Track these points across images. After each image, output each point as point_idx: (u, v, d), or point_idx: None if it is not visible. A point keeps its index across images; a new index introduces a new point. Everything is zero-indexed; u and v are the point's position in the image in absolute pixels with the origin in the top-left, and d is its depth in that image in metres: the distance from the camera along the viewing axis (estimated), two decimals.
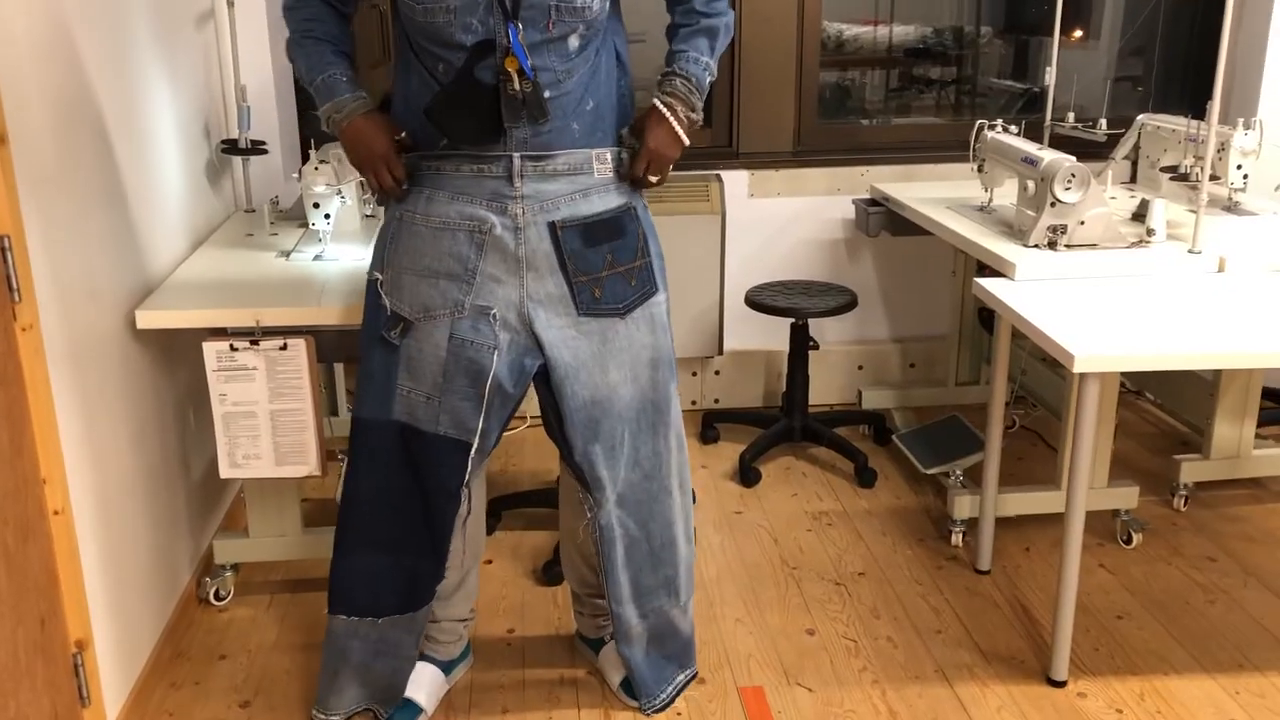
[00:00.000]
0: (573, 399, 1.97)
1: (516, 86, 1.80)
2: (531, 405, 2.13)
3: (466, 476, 2.00)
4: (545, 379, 1.97)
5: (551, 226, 1.91)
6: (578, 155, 1.91)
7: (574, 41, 1.85)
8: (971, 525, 2.76)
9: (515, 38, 1.79)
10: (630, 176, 1.97)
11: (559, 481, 2.28)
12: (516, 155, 1.87)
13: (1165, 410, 3.60)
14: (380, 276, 1.97)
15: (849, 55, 3.87)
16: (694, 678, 2.27)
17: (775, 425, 3.32)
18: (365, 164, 1.92)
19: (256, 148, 2.97)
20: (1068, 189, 2.55)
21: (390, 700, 2.15)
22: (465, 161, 1.89)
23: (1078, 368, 2.00)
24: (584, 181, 1.92)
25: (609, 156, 1.95)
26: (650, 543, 2.11)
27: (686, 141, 1.98)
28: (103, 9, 2.20)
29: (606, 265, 1.96)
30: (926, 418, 3.40)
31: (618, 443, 2.02)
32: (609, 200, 1.96)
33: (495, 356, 1.93)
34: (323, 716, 2.15)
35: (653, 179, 1.98)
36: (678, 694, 2.23)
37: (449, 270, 1.92)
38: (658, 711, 2.20)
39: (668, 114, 1.95)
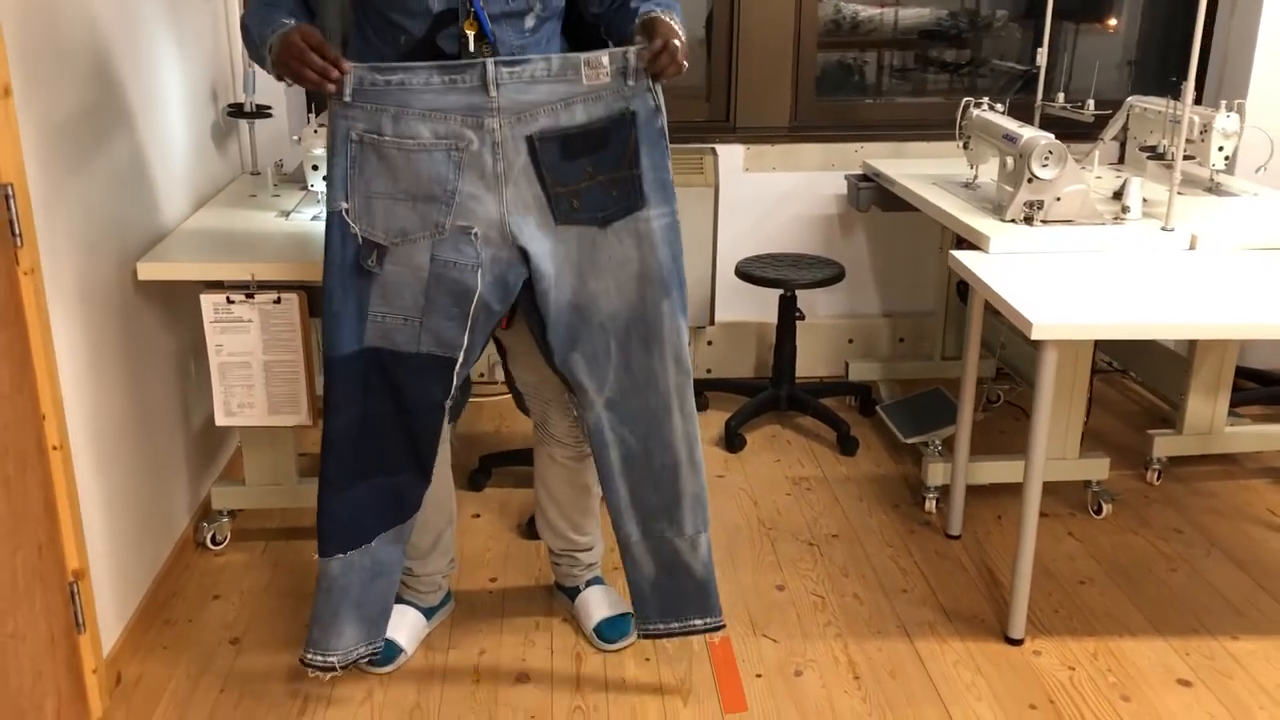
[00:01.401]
0: (553, 305, 1.96)
1: (472, 48, 1.85)
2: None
3: (452, 389, 2.00)
4: (530, 287, 1.96)
5: (529, 140, 1.87)
6: (557, 62, 1.85)
7: (530, 21, 1.91)
8: (945, 493, 2.84)
9: (478, 3, 1.85)
10: (650, 68, 1.87)
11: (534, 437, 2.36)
12: (490, 61, 1.82)
13: (1147, 387, 3.66)
14: (346, 205, 1.90)
15: (863, 36, 3.92)
16: (716, 629, 2.18)
17: (762, 394, 3.40)
18: (294, 57, 1.80)
19: (261, 112, 3.06)
20: (1045, 166, 2.62)
21: (384, 623, 2.15)
22: (435, 72, 1.83)
23: (1035, 335, 2.07)
24: (567, 90, 1.86)
25: (605, 60, 1.87)
26: (649, 461, 2.07)
27: (685, 42, 1.90)
28: None
29: (585, 177, 1.91)
30: (911, 390, 3.47)
31: (600, 352, 2.00)
32: (595, 110, 1.89)
33: (479, 275, 1.91)
34: (321, 657, 2.11)
35: (670, 69, 1.87)
36: (684, 635, 2.17)
37: (427, 192, 1.88)
38: (649, 638, 2.19)
39: (661, 13, 1.89)
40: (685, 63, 1.88)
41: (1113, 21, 4.00)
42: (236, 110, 3.05)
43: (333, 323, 1.95)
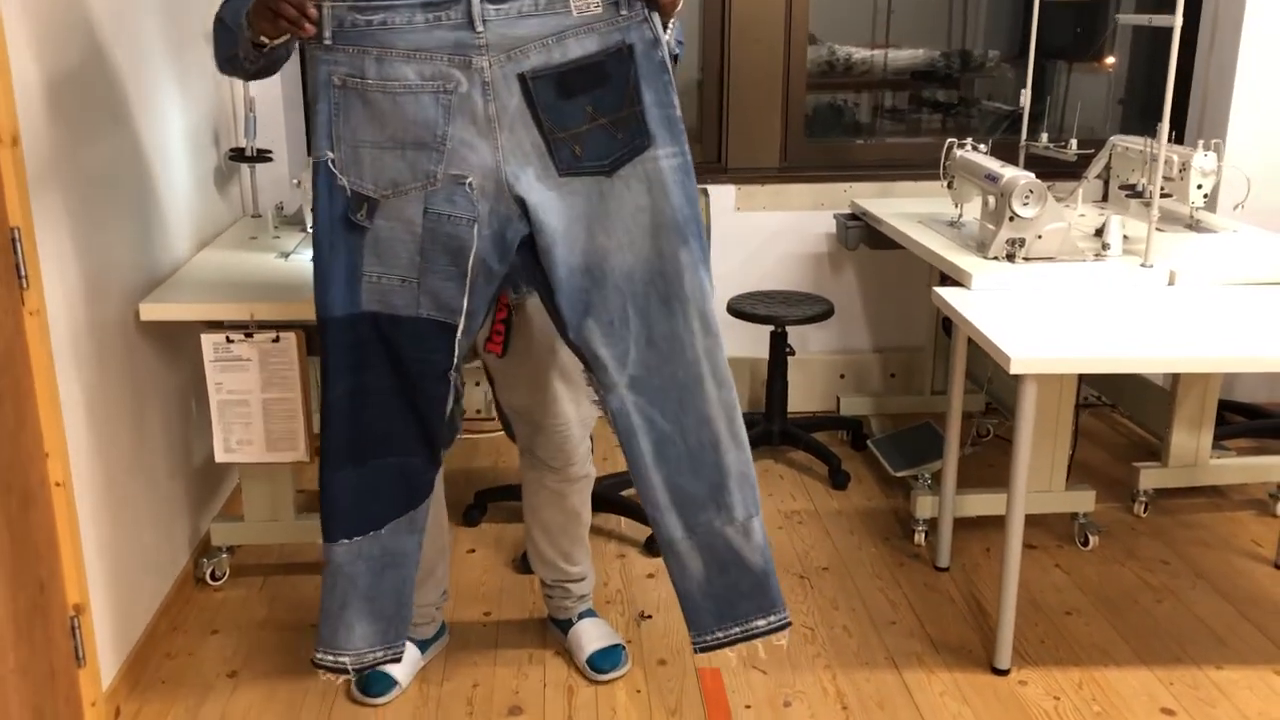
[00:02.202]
0: (561, 267, 1.83)
1: None
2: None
3: (455, 359, 1.90)
4: (533, 247, 1.83)
5: (521, 79, 1.77)
6: None
7: None
8: (933, 525, 2.88)
9: None
10: None
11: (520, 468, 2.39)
12: None
13: (1133, 421, 3.70)
14: (332, 155, 1.80)
15: (857, 78, 4.00)
16: (782, 627, 1.99)
17: (754, 429, 3.45)
18: (267, 3, 1.72)
19: (262, 155, 3.14)
20: (1025, 204, 2.68)
21: (401, 625, 2.05)
22: (419, 10, 1.74)
23: (1014, 369, 2.13)
24: (558, 23, 1.77)
25: None
26: (685, 440, 1.90)
27: None
28: (120, 20, 2.37)
29: (587, 119, 1.80)
30: (902, 424, 3.52)
31: (617, 318, 1.87)
32: (589, 43, 1.78)
33: (475, 230, 1.82)
34: (331, 657, 2.04)
35: None
36: (746, 639, 1.98)
37: (415, 138, 1.78)
38: (708, 649, 2.00)
39: None
40: None
41: (1110, 60, 4.08)
42: (238, 154, 3.13)
43: (322, 282, 1.85)
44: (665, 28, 1.83)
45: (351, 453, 1.95)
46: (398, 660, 2.11)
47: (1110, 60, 4.08)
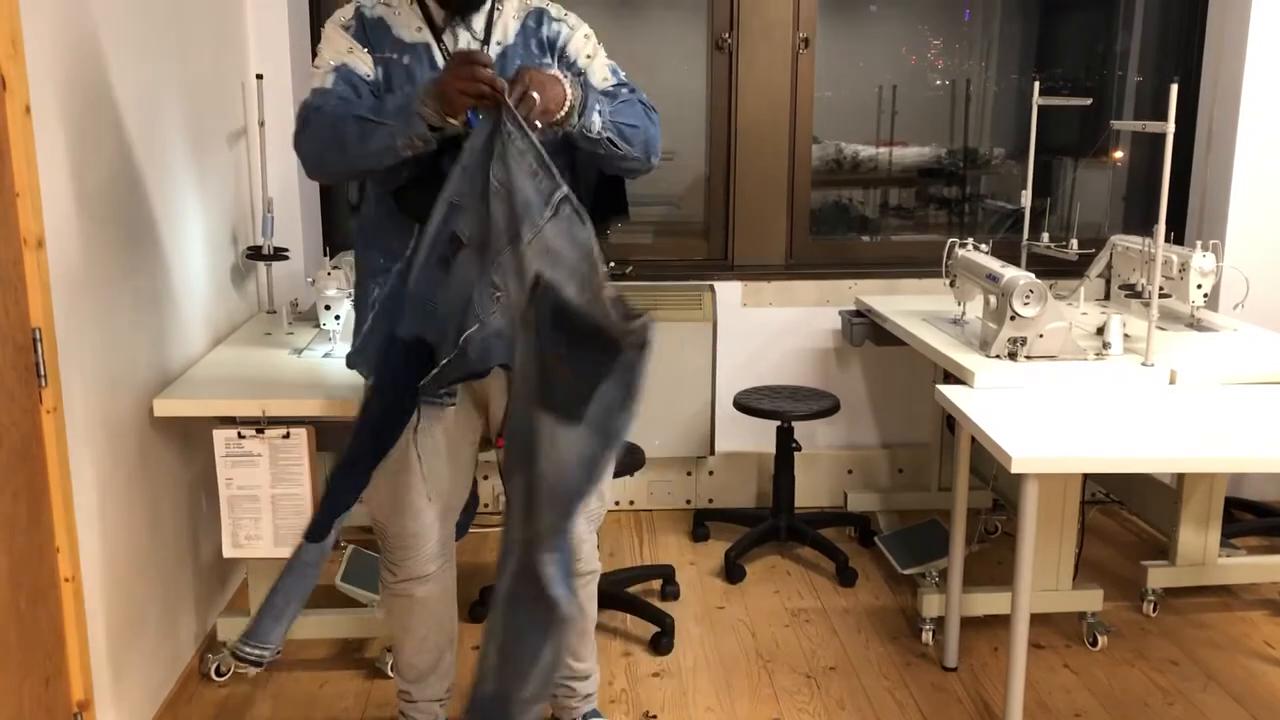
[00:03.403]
0: None
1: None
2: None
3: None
4: None
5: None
6: None
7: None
8: (941, 624, 2.86)
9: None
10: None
11: None
12: None
13: (1142, 519, 3.69)
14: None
15: (864, 175, 4.09)
16: None
17: (761, 525, 3.45)
18: (462, 76, 1.83)
19: (279, 254, 3.21)
20: (1026, 304, 2.72)
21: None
22: None
23: (1015, 468, 2.15)
24: None
25: None
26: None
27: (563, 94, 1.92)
28: (146, 125, 2.46)
29: None
30: (909, 521, 3.52)
31: None
32: None
33: None
34: (256, 652, 2.07)
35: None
36: None
37: None
38: None
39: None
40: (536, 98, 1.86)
41: (1119, 154, 4.16)
42: (255, 253, 3.20)
43: None
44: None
45: (368, 462, 2.06)
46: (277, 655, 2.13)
47: (1119, 155, 4.16)
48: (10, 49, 1.81)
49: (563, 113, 1.93)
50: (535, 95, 1.86)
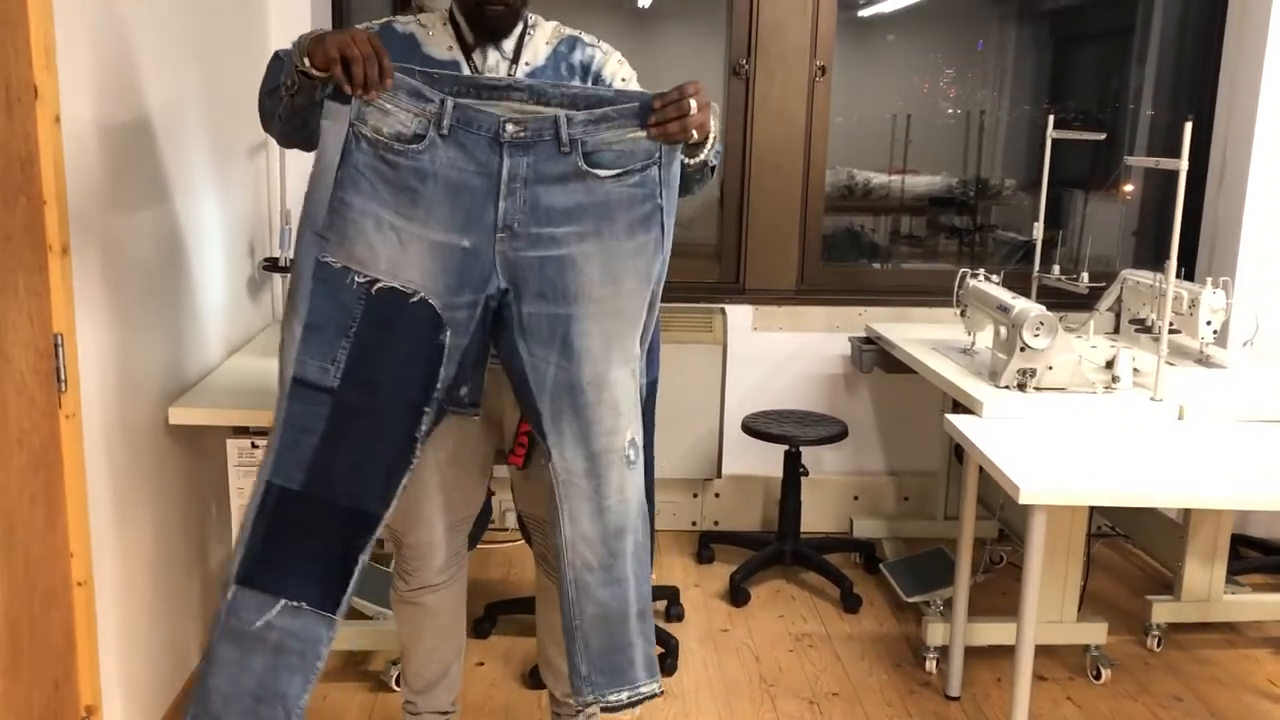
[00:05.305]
0: None
1: None
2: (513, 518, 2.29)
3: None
4: None
5: None
6: None
7: None
8: (945, 653, 2.87)
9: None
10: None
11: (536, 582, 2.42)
12: None
13: (1148, 553, 3.69)
14: None
15: (875, 202, 4.12)
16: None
17: (767, 548, 3.46)
18: (339, 41, 1.75)
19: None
20: (1036, 335, 2.74)
21: None
22: None
23: (1023, 499, 2.16)
24: None
25: None
26: None
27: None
28: (171, 136, 2.49)
29: None
30: (915, 549, 3.52)
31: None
32: None
33: None
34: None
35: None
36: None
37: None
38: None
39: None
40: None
41: (1128, 188, 4.17)
42: (271, 264, 3.23)
43: None
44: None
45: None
46: None
47: (1129, 189, 4.18)
48: (44, 59, 1.84)
49: (699, 139, 2.01)
50: (694, 104, 1.90)
